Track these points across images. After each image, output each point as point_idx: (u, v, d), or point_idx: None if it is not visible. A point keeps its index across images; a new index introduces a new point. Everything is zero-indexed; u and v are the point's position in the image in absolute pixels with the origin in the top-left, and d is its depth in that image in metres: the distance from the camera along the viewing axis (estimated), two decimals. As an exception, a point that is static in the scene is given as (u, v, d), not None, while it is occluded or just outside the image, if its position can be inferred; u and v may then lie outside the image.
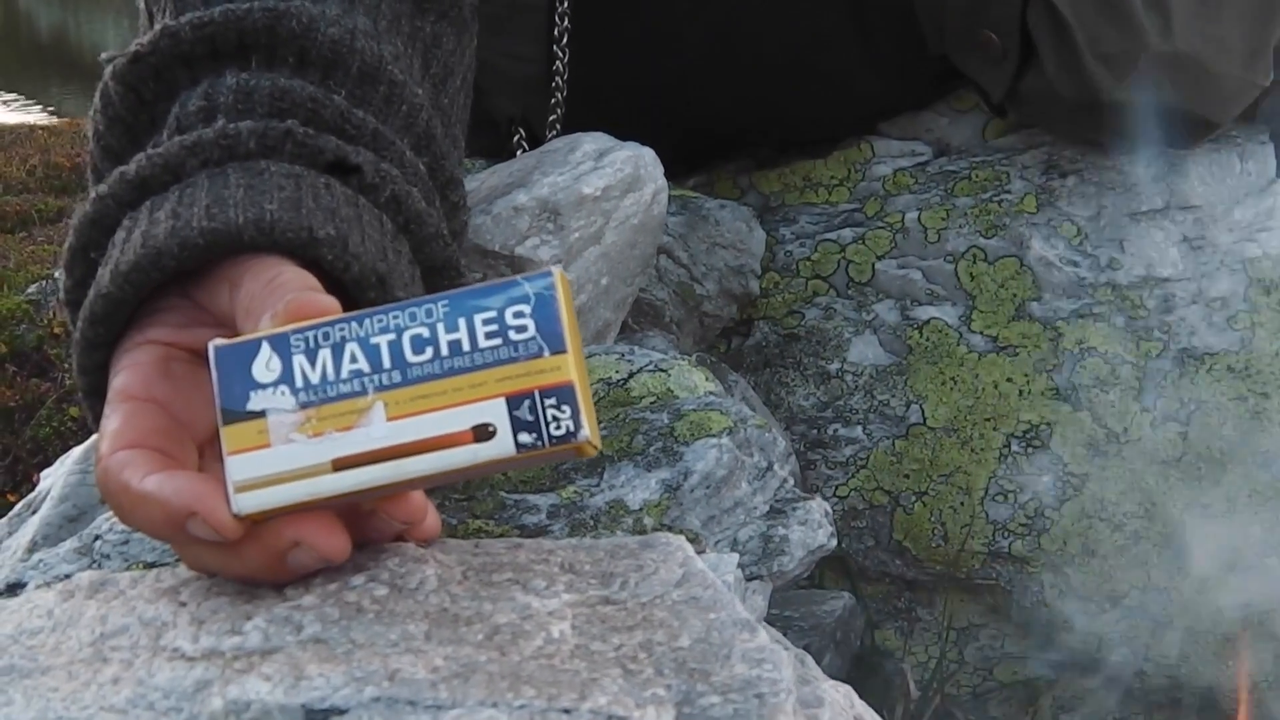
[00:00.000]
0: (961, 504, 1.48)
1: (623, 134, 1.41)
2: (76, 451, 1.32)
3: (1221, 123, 1.48)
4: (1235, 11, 1.43)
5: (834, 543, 1.03)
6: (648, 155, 1.30)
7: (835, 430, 1.51)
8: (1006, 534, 1.48)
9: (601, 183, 1.24)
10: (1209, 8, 1.42)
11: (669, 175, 1.55)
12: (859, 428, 1.51)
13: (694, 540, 0.93)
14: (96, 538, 1.06)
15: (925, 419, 1.49)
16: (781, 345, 1.54)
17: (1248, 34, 1.44)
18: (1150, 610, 1.48)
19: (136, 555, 1.04)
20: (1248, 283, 1.50)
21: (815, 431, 1.51)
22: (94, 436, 0.95)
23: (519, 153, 1.56)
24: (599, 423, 1.03)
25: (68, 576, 0.93)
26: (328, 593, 0.76)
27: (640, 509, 0.94)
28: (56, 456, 1.42)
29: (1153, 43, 1.40)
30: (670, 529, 0.94)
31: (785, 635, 1.34)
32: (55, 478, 1.17)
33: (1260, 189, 1.53)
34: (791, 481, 1.03)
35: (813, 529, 1.00)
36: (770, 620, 1.34)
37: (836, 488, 1.50)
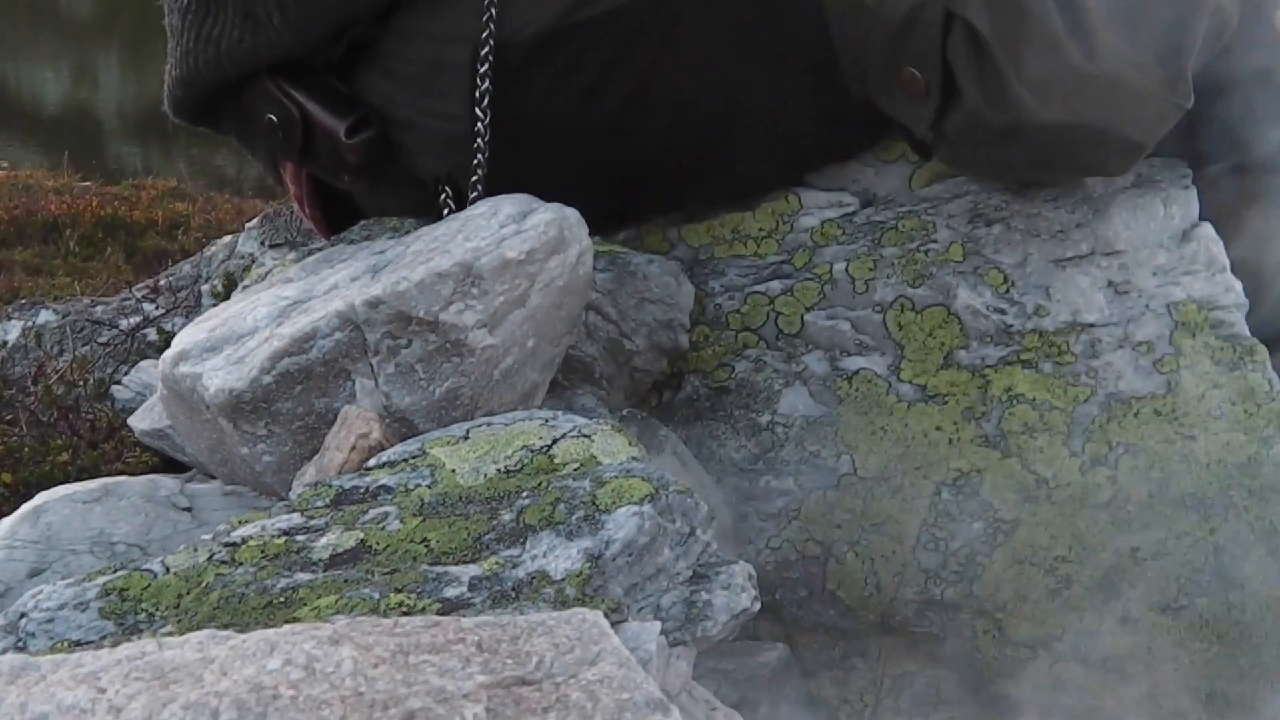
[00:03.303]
0: (893, 552, 1.49)
1: (552, 187, 1.41)
2: (4, 525, 1.31)
3: (1149, 144, 1.48)
4: (1148, 35, 1.44)
5: (757, 606, 1.03)
6: (572, 216, 1.31)
7: (767, 482, 1.51)
8: (939, 581, 1.48)
9: (525, 246, 1.24)
10: (1126, 31, 1.43)
11: (599, 228, 1.56)
12: (790, 479, 1.51)
13: (616, 609, 0.93)
14: (22, 615, 1.06)
15: (856, 469, 1.50)
16: (712, 398, 1.54)
17: (1162, 55, 1.45)
18: (1083, 653, 1.48)
19: (62, 634, 1.04)
20: (1173, 326, 1.51)
21: (747, 484, 1.52)
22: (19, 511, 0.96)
23: (445, 212, 1.56)
24: (524, 491, 1.03)
25: (-9, 656, 0.92)
26: (245, 678, 0.76)
27: (563, 579, 0.94)
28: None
29: (1077, 64, 1.41)
30: (593, 599, 0.94)
31: (720, 688, 1.35)
32: (-20, 553, 1.16)
33: (1183, 233, 1.54)
34: (714, 546, 1.03)
35: (736, 593, 1.01)
36: (705, 673, 1.35)
37: (769, 539, 1.51)
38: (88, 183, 5.84)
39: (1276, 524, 1.49)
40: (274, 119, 1.61)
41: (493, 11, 1.53)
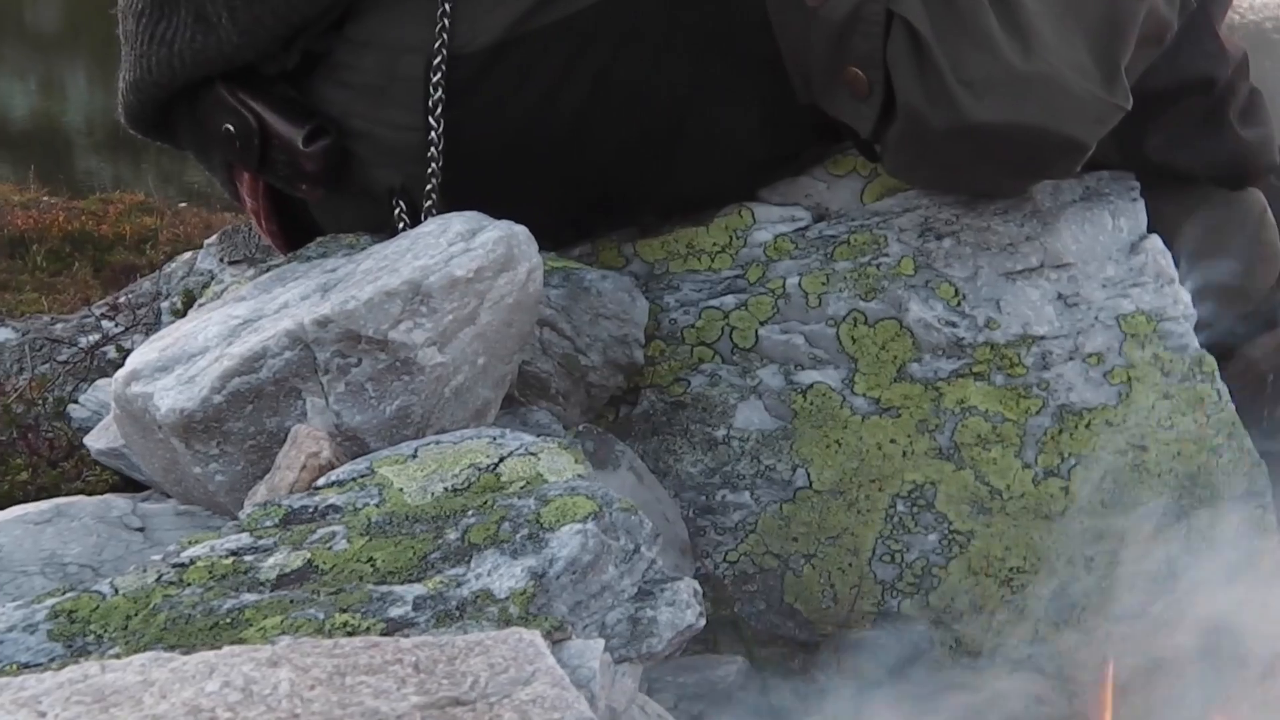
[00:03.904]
0: (850, 565, 1.50)
1: (508, 199, 1.41)
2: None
3: (1090, 144, 1.48)
4: (1081, 35, 1.45)
5: (703, 622, 1.04)
6: (520, 234, 1.31)
7: (723, 496, 1.52)
8: (895, 593, 1.49)
9: (474, 264, 1.25)
10: (1061, 31, 1.44)
11: (555, 242, 1.56)
12: (746, 493, 1.52)
13: (560, 627, 0.93)
14: (-29, 638, 1.06)
15: (811, 482, 1.50)
16: (668, 413, 1.55)
17: (1097, 57, 1.46)
18: (1039, 663, 1.49)
19: (10, 656, 1.04)
20: (1122, 338, 1.52)
21: (704, 498, 1.52)
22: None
23: (400, 226, 1.56)
24: (470, 509, 1.04)
25: (-62, 681, 0.92)
26: (183, 701, 0.76)
27: (506, 598, 0.95)
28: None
29: (1015, 64, 1.41)
30: (537, 617, 0.94)
31: (679, 701, 1.36)
32: (-69, 578, 1.16)
33: (1131, 245, 1.56)
34: (659, 563, 1.04)
35: (681, 609, 1.01)
36: (664, 687, 1.35)
37: (726, 553, 1.51)
38: (54, 198, 5.82)
39: (1228, 533, 1.50)
40: (230, 128, 1.61)
41: (445, 22, 1.53)
